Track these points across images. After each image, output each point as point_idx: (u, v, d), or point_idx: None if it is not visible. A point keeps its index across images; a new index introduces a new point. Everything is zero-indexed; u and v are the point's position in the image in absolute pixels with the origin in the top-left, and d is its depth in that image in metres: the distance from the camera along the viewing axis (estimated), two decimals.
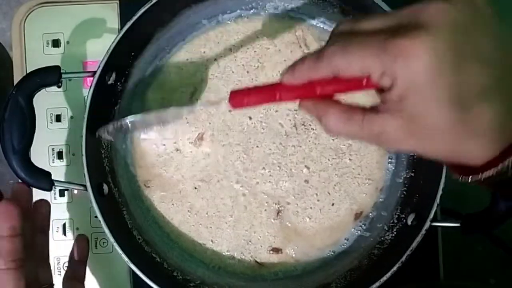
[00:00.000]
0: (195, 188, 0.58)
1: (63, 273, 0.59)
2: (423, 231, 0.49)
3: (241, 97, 0.37)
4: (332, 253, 0.58)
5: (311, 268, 0.57)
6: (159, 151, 0.58)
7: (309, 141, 0.57)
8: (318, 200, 0.58)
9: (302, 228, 0.57)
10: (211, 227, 0.58)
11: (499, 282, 0.62)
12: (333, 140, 0.57)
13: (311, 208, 0.57)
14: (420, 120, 0.30)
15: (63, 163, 0.60)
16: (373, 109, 0.33)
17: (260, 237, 0.58)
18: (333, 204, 0.58)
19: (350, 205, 0.58)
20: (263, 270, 0.58)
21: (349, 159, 0.57)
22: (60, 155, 0.60)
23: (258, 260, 0.57)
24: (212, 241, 0.58)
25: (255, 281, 0.57)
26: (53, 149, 0.60)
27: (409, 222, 0.53)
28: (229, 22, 0.58)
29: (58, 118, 0.60)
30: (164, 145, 0.58)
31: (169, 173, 0.58)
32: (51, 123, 0.60)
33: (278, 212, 0.57)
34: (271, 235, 0.57)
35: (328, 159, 0.57)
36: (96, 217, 0.50)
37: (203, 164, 0.57)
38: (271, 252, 0.57)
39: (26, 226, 0.48)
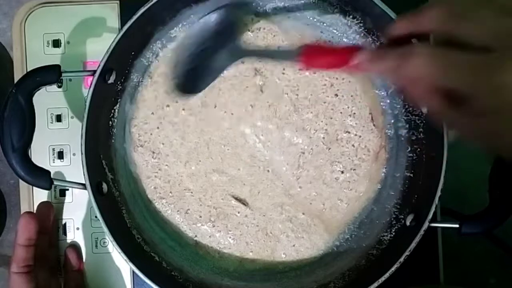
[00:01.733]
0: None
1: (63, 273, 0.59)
2: (421, 232, 0.48)
3: (314, 57, 0.37)
4: (330, 251, 0.58)
5: (310, 267, 0.57)
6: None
7: (308, 146, 0.58)
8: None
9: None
10: (214, 227, 0.58)
11: (499, 282, 0.62)
12: (330, 143, 0.57)
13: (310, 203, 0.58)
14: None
15: (63, 163, 0.60)
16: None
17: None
18: (323, 204, 0.58)
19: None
20: (263, 270, 0.57)
21: (349, 164, 0.58)
22: (60, 155, 0.60)
23: (258, 260, 0.57)
24: (213, 241, 0.58)
25: (254, 281, 0.57)
26: (53, 149, 0.60)
27: (408, 223, 0.53)
28: None
29: (58, 118, 0.60)
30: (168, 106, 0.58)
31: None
32: (51, 123, 0.60)
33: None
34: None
35: (327, 162, 0.58)
36: (96, 217, 0.50)
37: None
38: (270, 251, 0.57)
39: (42, 239, 0.54)
